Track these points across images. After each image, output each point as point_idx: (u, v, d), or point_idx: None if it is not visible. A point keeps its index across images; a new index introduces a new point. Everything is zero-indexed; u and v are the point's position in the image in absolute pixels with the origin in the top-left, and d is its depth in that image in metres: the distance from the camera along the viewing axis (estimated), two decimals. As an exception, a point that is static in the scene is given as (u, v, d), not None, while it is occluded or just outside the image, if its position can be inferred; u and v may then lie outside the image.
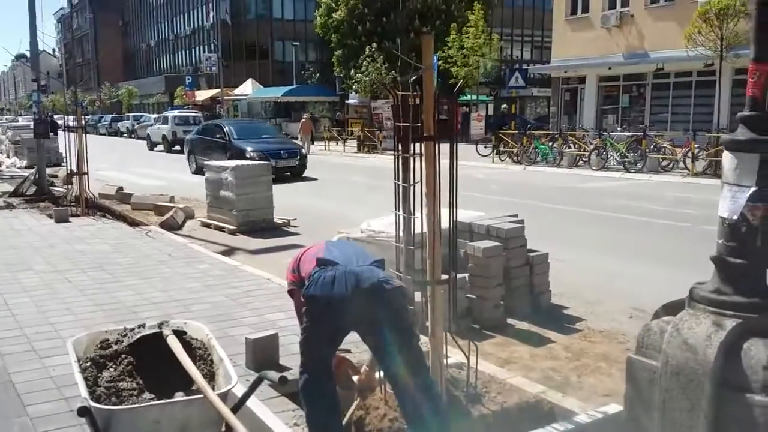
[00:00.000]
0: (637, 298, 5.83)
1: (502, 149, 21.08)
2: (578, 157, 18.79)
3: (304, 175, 17.25)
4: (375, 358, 3.11)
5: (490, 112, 37.18)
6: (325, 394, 2.96)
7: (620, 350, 4.61)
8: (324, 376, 2.95)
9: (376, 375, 3.35)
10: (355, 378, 3.39)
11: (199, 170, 16.64)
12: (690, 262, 6.82)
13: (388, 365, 2.99)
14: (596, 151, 17.93)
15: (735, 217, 2.23)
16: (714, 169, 15.48)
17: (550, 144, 19.66)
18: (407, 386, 2.94)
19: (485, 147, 22.33)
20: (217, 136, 17.72)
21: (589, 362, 4.49)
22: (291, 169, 16.76)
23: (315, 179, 16.88)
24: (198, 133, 19.62)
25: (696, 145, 16.23)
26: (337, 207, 11.81)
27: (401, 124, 3.57)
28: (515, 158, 20.23)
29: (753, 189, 2.18)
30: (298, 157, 17.19)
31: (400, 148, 3.62)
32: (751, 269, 2.22)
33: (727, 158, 2.30)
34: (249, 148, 16.37)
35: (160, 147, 29.67)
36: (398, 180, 3.65)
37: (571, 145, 19.46)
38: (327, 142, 28.97)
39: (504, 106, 30.46)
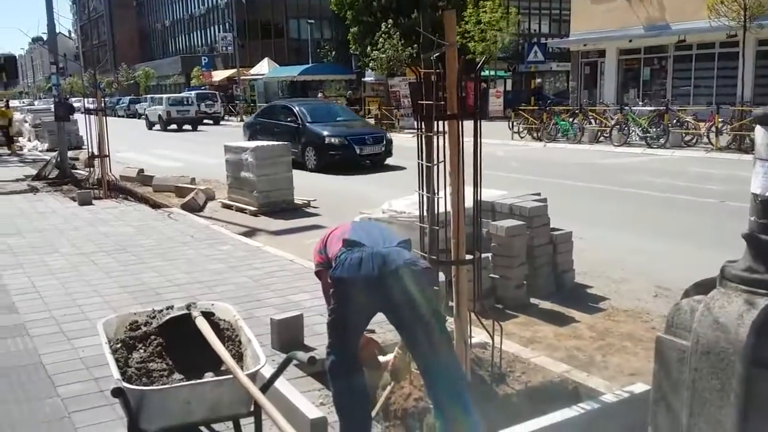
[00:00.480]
0: (662, 277, 5.79)
1: (534, 125, 20.29)
2: (599, 133, 18.57)
3: (386, 162, 14.82)
4: (401, 339, 3.12)
5: (509, 87, 36.78)
6: (352, 375, 2.98)
7: (645, 329, 4.58)
8: (351, 358, 2.97)
9: (407, 357, 3.38)
10: (381, 358, 3.41)
11: None
12: (714, 239, 6.76)
13: (415, 346, 3.00)
14: (617, 126, 17.68)
15: (768, 194, 2.19)
16: (738, 144, 15.24)
17: (571, 120, 19.42)
18: (433, 367, 2.95)
19: (516, 123, 21.68)
20: (288, 119, 15.52)
21: (613, 341, 4.46)
22: (374, 156, 14.62)
23: (402, 168, 13.70)
24: (260, 116, 17.45)
25: (720, 119, 15.95)
26: (357, 187, 11.81)
27: (424, 102, 3.55)
28: (535, 135, 20.02)
29: (787, 165, 2.13)
30: (384, 142, 14.77)
31: (423, 127, 3.60)
32: (784, 247, 2.18)
33: (760, 133, 2.24)
34: (326, 133, 14.36)
35: (157, 126, 32.24)
36: (421, 159, 3.63)
37: (592, 120, 19.22)
38: (344, 121, 28.87)
39: (538, 80, 29.52)
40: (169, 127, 31.45)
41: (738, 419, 2.09)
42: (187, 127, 31.66)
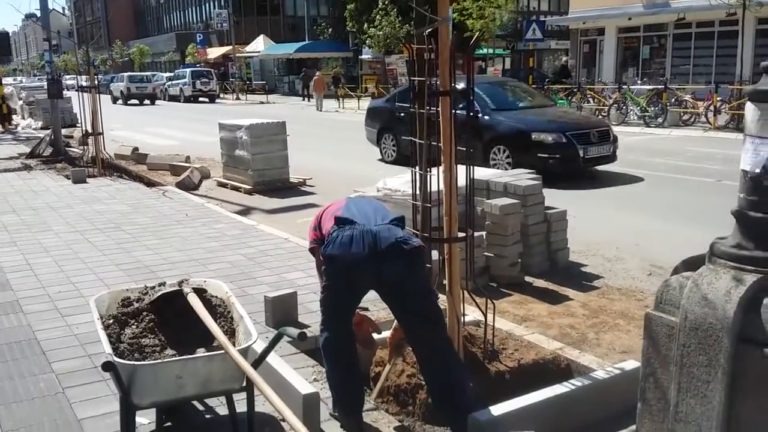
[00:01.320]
0: (657, 255, 5.80)
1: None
2: (597, 112, 18.49)
3: (609, 168, 10.52)
4: (394, 316, 3.13)
5: (507, 65, 36.53)
6: (345, 352, 2.99)
7: (639, 307, 4.60)
8: (344, 334, 2.98)
9: None
10: (375, 336, 3.42)
11: (403, 158, 10.30)
12: (711, 218, 6.76)
13: (407, 323, 3.01)
14: (616, 105, 17.61)
15: (757, 171, 2.18)
16: (736, 123, 15.20)
17: (569, 98, 19.33)
18: (425, 345, 2.97)
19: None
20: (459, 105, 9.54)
21: (607, 319, 4.49)
22: (600, 161, 10.19)
23: (639, 180, 9.92)
24: (401, 99, 11.47)
25: (718, 98, 15.89)
26: (354, 166, 11.77)
27: (416, 78, 3.52)
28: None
29: (777, 141, 2.12)
30: (610, 138, 10.37)
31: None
32: (773, 224, 2.18)
33: (750, 109, 2.23)
34: (531, 126, 9.97)
35: (120, 101, 35.94)
36: (414, 136, 3.61)
37: (590, 99, 19.13)
38: (341, 99, 28.73)
39: (565, 58, 28.09)
40: (129, 102, 35.16)
41: (725, 394, 2.11)
42: (146, 102, 35.39)
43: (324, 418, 3.04)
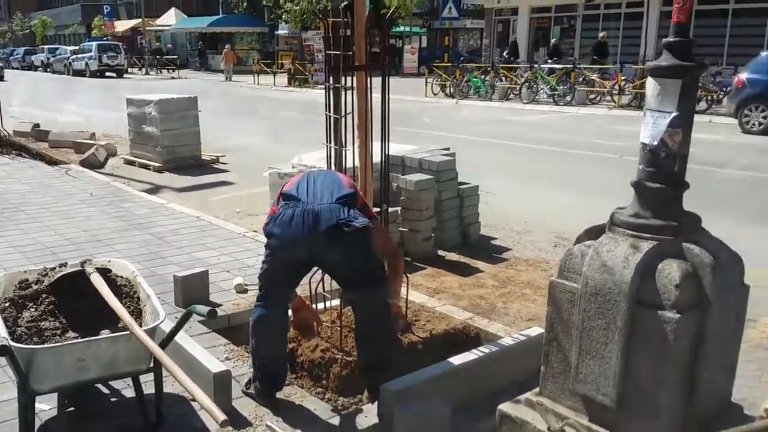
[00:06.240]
0: (563, 228, 6.03)
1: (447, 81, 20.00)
2: (509, 91, 18.94)
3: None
4: (341, 289, 3.13)
5: (424, 44, 36.73)
6: (276, 329, 2.95)
7: (544, 277, 4.77)
8: (278, 312, 2.93)
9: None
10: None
11: None
12: (614, 191, 7.05)
13: (348, 295, 3.07)
14: (527, 84, 18.09)
15: (655, 143, 2.29)
16: (639, 101, 15.94)
17: (483, 77, 19.69)
18: (361, 316, 2.97)
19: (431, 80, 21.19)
20: None
21: (514, 289, 4.64)
22: None
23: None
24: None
25: (623, 78, 16.60)
26: (268, 143, 11.55)
27: (332, 52, 3.48)
28: (448, 92, 20.20)
29: (674, 114, 2.23)
30: None
31: (331, 78, 3.54)
32: (668, 193, 2.30)
33: (650, 85, 2.33)
34: None
35: None
36: (329, 111, 3.57)
37: (503, 78, 19.57)
38: (256, 75, 28.06)
39: (602, 34, 24.58)
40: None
41: (621, 354, 2.22)
42: None
43: (236, 395, 3.00)
